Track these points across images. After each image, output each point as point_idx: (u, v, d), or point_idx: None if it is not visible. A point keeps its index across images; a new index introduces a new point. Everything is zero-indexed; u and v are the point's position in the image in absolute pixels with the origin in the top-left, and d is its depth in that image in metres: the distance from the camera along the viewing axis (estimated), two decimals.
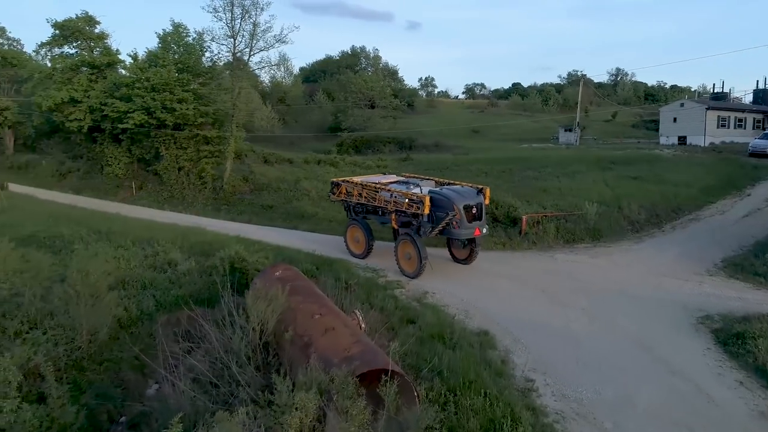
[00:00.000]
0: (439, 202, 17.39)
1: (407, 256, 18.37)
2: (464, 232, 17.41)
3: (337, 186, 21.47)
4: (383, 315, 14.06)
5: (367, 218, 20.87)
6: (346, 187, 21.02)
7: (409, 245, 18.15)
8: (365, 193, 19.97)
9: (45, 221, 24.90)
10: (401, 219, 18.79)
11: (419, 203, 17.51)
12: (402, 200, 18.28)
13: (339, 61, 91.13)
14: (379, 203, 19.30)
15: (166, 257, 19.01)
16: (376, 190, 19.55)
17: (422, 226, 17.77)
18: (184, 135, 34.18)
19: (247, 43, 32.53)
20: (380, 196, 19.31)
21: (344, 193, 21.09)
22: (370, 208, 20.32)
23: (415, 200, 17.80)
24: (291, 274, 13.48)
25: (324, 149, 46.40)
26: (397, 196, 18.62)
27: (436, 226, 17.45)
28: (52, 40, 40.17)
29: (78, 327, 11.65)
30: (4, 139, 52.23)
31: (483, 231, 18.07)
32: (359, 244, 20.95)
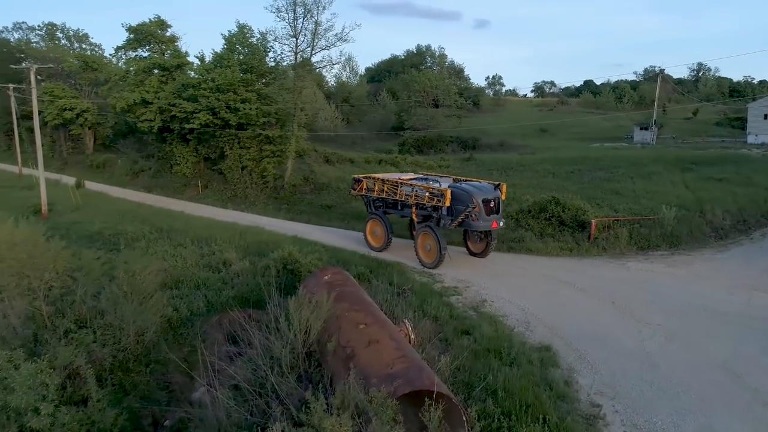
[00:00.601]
0: (459, 196, 18.33)
1: (427, 248, 19.21)
2: (483, 224, 18.30)
3: (358, 182, 22.36)
4: (436, 324, 13.25)
5: (387, 213, 21.62)
6: (366, 183, 21.90)
7: (429, 237, 19.02)
8: (386, 188, 20.88)
9: (113, 219, 25.68)
10: (421, 212, 19.69)
11: (440, 196, 18.42)
12: (423, 194, 19.25)
13: (404, 60, 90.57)
14: (400, 197, 20.18)
15: (221, 257, 18.98)
16: (397, 185, 20.39)
17: (442, 219, 18.77)
18: (247, 135, 34.58)
19: (309, 42, 32.53)
20: (401, 190, 20.18)
21: (365, 188, 21.95)
22: (390, 203, 21.28)
23: (436, 194, 18.71)
24: (340, 278, 12.90)
25: (386, 149, 45.90)
26: (418, 190, 19.53)
27: (455, 218, 18.40)
28: (127, 43, 41.79)
29: (125, 327, 11.55)
30: (84, 139, 55.14)
31: (500, 224, 18.99)
32: (378, 237, 21.65)
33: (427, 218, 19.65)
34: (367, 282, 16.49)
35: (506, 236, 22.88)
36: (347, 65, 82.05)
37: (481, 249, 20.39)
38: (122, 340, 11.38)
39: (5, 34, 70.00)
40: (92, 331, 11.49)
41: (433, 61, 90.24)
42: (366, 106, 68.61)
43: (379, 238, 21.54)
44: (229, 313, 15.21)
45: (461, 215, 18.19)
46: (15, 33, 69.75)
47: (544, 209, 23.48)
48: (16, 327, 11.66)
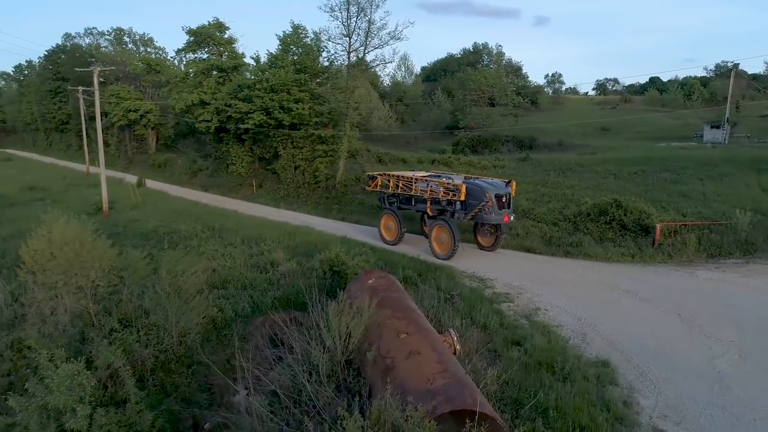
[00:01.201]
0: (473, 191, 19.51)
1: (441, 240, 20.37)
2: (495, 217, 19.46)
3: (373, 179, 23.63)
4: (485, 334, 12.59)
5: (401, 208, 22.88)
6: (381, 179, 23.13)
7: (443, 230, 20.20)
8: (402, 184, 22.08)
9: (169, 217, 26.23)
10: (436, 207, 20.97)
11: (455, 191, 19.72)
12: (438, 189, 20.49)
13: (460, 59, 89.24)
14: (415, 193, 21.43)
15: (269, 257, 18.91)
16: (411, 182, 21.64)
17: (456, 212, 20.10)
18: (300, 135, 34.72)
19: (362, 41, 32.25)
20: (417, 186, 21.41)
21: (380, 185, 23.18)
22: (403, 199, 22.62)
23: (451, 188, 19.96)
24: (384, 282, 12.44)
25: (439, 149, 45.09)
26: (433, 185, 20.79)
27: (469, 212, 19.65)
28: (187, 46, 42.90)
29: (169, 328, 11.51)
30: (147, 139, 57.17)
31: (511, 218, 20.18)
32: (391, 231, 22.75)
33: (441, 212, 20.87)
34: (414, 286, 16.01)
35: (563, 240, 21.86)
36: (402, 64, 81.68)
37: (490, 243, 21.57)
38: (165, 340, 11.34)
39: (77, 39, 73.65)
40: (136, 330, 11.53)
41: (490, 60, 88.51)
42: (420, 106, 67.93)
43: (392, 232, 22.70)
44: (273, 315, 15.06)
45: (474, 209, 19.43)
46: (86, 38, 73.33)
47: (605, 212, 22.27)
48: (65, 325, 11.86)
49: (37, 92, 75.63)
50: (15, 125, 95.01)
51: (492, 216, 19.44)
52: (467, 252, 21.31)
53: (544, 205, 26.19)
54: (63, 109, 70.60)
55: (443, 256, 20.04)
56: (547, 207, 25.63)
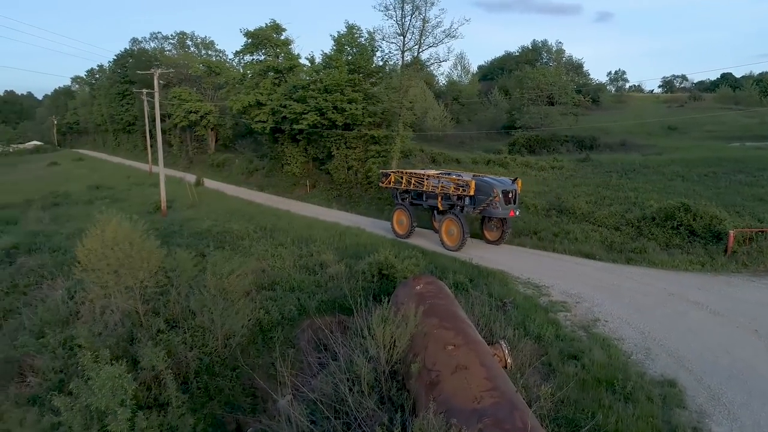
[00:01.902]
0: (482, 187, 20.86)
1: (450, 233, 21.73)
2: (501, 211, 20.86)
3: (386, 176, 24.99)
4: (539, 346, 11.89)
5: (412, 204, 24.07)
6: (395, 176, 24.44)
7: (453, 223, 21.60)
8: (414, 181, 23.35)
9: (223, 216, 26.61)
10: (446, 202, 22.33)
11: (465, 187, 21.02)
12: (449, 185, 21.79)
13: (518, 57, 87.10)
14: (427, 189, 22.73)
15: (318, 258, 18.77)
16: (423, 178, 22.95)
17: (465, 207, 21.48)
18: (353, 135, 34.61)
19: (417, 40, 31.73)
20: (428, 182, 22.67)
21: (393, 181, 24.46)
22: (415, 195, 23.90)
23: (461, 184, 21.26)
24: (433, 289, 11.93)
25: (495, 149, 44.00)
26: (444, 182, 22.07)
27: (477, 206, 21.04)
28: (245, 48, 43.65)
29: (214, 330, 11.44)
30: (207, 139, 58.74)
31: (516, 213, 21.48)
32: (403, 225, 24.00)
33: (451, 207, 22.19)
34: (464, 292, 15.41)
35: (625, 246, 20.69)
36: (458, 63, 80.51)
37: (496, 237, 22.86)
38: (209, 342, 11.28)
39: (144, 43, 76.63)
40: (182, 331, 11.54)
41: (549, 57, 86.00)
42: (476, 105, 66.73)
43: (404, 226, 23.92)
44: (320, 318, 14.85)
45: (482, 204, 20.81)
46: (152, 42, 76.16)
47: (671, 217, 20.92)
48: (115, 324, 12.02)
49: (107, 95, 79.23)
50: (87, 126, 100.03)
51: (499, 210, 20.84)
52: (521, 257, 20.57)
53: (605, 208, 24.94)
54: (130, 111, 73.66)
55: (453, 248, 21.38)
56: (609, 210, 24.38)
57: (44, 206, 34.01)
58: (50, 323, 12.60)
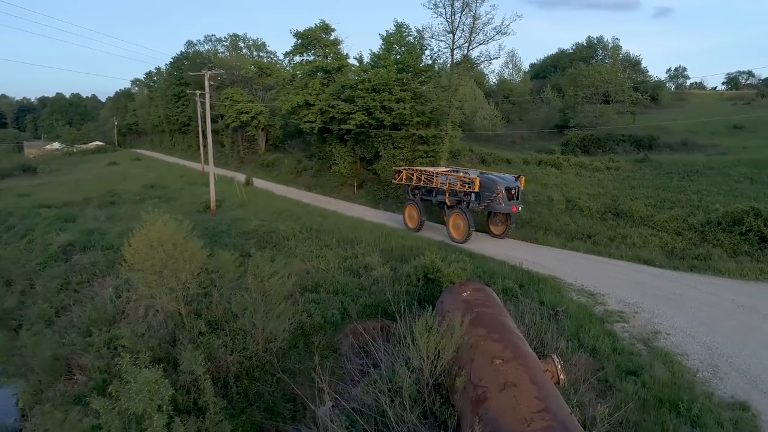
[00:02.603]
0: (486, 184, 22.21)
1: (457, 226, 23.16)
2: (504, 207, 22.11)
3: (399, 173, 26.59)
4: (595, 359, 11.16)
5: (423, 199, 25.52)
6: (406, 173, 25.98)
7: (459, 217, 23.01)
8: (424, 178, 24.83)
9: (270, 216, 26.70)
10: (454, 198, 23.73)
11: (470, 183, 22.44)
12: (456, 182, 23.29)
13: (572, 54, 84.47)
14: (436, 185, 24.22)
15: (363, 260, 18.45)
16: (433, 175, 24.46)
17: (471, 203, 22.87)
18: (401, 135, 34.17)
19: (467, 37, 31.00)
20: (437, 179, 24.15)
21: (404, 178, 26.02)
22: (425, 191, 25.30)
23: (467, 182, 22.69)
24: (480, 296, 11.37)
25: (547, 149, 42.64)
26: (452, 179, 23.57)
27: (482, 202, 22.36)
28: (294, 48, 43.90)
29: (255, 333, 11.26)
30: (257, 139, 59.61)
31: (519, 208, 22.76)
32: (413, 219, 25.54)
33: (458, 202, 23.53)
34: (514, 299, 14.77)
35: (687, 252, 19.49)
36: (510, 62, 78.86)
37: (501, 231, 24.10)
38: (250, 346, 11.09)
39: (198, 46, 78.59)
40: (223, 334, 11.40)
41: (605, 54, 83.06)
42: (528, 104, 65.10)
43: (414, 221, 25.46)
44: (363, 323, 14.50)
45: (487, 200, 22.11)
46: (206, 45, 78.02)
47: (740, 222, 19.57)
48: (159, 324, 12.02)
49: (163, 97, 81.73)
50: (145, 127, 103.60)
51: (502, 206, 22.11)
52: (574, 262, 19.68)
53: (665, 211, 23.62)
54: (185, 112, 75.67)
55: (459, 240, 22.76)
56: (669, 214, 23.06)
57: (101, 204, 35.14)
58: (97, 322, 12.75)
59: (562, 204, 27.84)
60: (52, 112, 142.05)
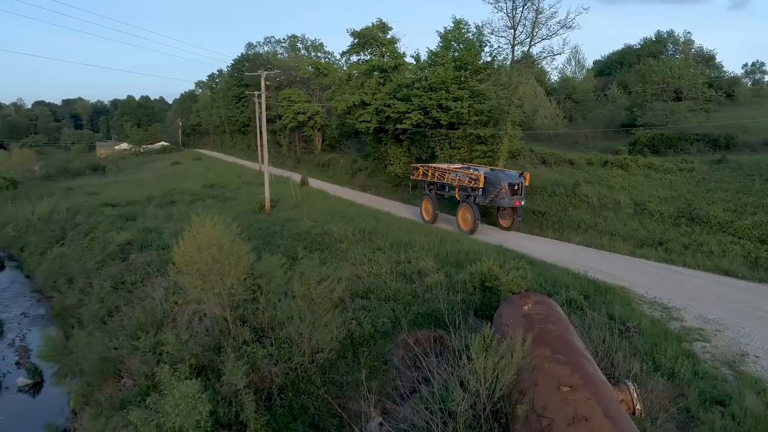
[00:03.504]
0: (490, 180, 24.11)
1: (465, 218, 25.17)
2: (507, 201, 24.02)
3: (416, 169, 29.38)
4: (673, 384, 9.98)
5: (437, 194, 27.86)
6: (422, 169, 28.60)
7: (467, 210, 25.02)
8: (437, 174, 27.31)
9: (323, 217, 26.34)
10: (462, 192, 25.73)
11: (476, 180, 24.39)
12: (464, 178, 25.35)
13: (639, 49, 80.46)
14: (447, 181, 26.52)
15: (416, 265, 17.68)
16: (445, 172, 26.87)
17: (477, 197, 24.69)
18: (458, 135, 33.17)
19: (528, 32, 29.66)
20: (448, 176, 26.49)
21: (421, 174, 28.69)
22: (439, 186, 27.65)
23: (473, 178, 24.64)
24: (543, 310, 10.41)
25: (613, 149, 40.46)
26: (460, 175, 25.73)
27: (487, 197, 24.18)
28: (351, 48, 43.65)
29: (301, 343, 10.72)
30: (314, 140, 59.86)
31: (522, 203, 24.54)
32: (428, 212, 27.82)
33: (467, 197, 25.40)
34: (579, 311, 13.67)
35: None
36: (573, 59, 76.15)
37: (508, 224, 25.97)
38: (295, 357, 10.56)
39: (258, 48, 79.96)
40: (269, 343, 10.92)
41: (675, 49, 78.79)
42: (591, 102, 62.44)
43: (429, 213, 27.74)
44: (415, 333, 13.79)
45: (491, 194, 23.95)
46: (265, 46, 79.29)
47: None
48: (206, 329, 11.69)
49: (224, 98, 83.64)
50: (208, 128, 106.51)
51: (505, 200, 24.00)
52: (644, 271, 18.26)
53: (747, 217, 21.66)
54: (245, 113, 77.11)
55: (467, 232, 24.71)
56: (752, 220, 21.12)
57: (162, 203, 35.89)
58: (145, 325, 12.58)
59: (630, 207, 26.18)
60: (122, 114, 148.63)
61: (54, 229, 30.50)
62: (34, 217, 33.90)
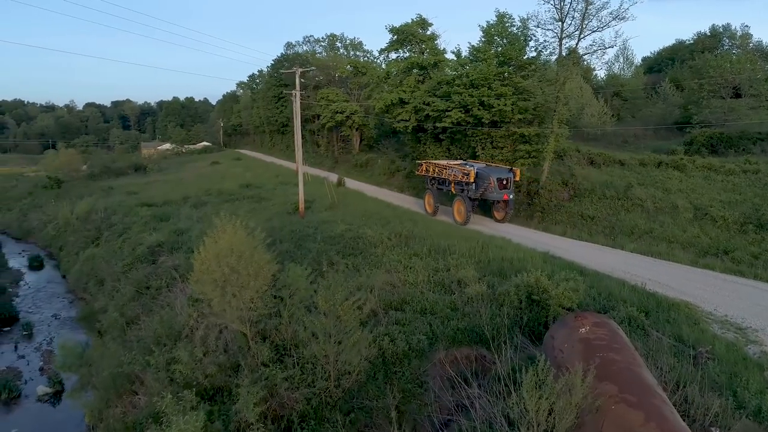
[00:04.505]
0: (480, 175, 25.97)
1: (459, 210, 26.94)
2: (496, 195, 25.81)
3: (420, 165, 31.38)
4: (761, 427, 8.39)
5: (438, 188, 29.66)
6: (426, 166, 30.55)
7: (461, 203, 26.79)
8: (437, 170, 29.24)
9: (358, 220, 25.23)
10: (457, 186, 27.57)
11: (468, 175, 26.17)
12: (458, 174, 27.12)
13: (693, 45, 76.61)
14: (446, 177, 28.30)
15: (456, 274, 16.35)
16: (444, 168, 28.72)
17: (470, 191, 26.47)
18: (501, 134, 31.57)
19: (577, 25, 27.83)
20: (446, 171, 28.29)
21: (424, 170, 30.61)
22: (440, 181, 29.33)
23: (465, 173, 26.43)
24: (604, 334, 8.97)
25: (667, 148, 38.07)
26: (455, 171, 27.47)
27: (478, 190, 26.01)
28: (390, 45, 42.52)
29: (325, 366, 9.58)
30: (352, 139, 58.94)
31: (510, 196, 26.24)
32: (430, 205, 29.65)
33: (461, 191, 27.26)
34: (639, 331, 12.13)
35: None
36: (621, 55, 72.92)
37: (502, 216, 27.66)
38: (319, 381, 9.41)
39: (297, 47, 79.72)
40: (292, 363, 9.82)
41: (732, 44, 74.64)
42: (641, 100, 59.51)
43: (431, 206, 29.54)
44: (455, 350, 12.52)
45: (481, 188, 25.94)
46: (304, 46, 78.96)
47: None
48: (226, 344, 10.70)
49: (264, 98, 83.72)
50: (248, 128, 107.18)
51: (494, 194, 25.95)
52: (710, 284, 16.42)
53: None
54: (284, 113, 76.89)
55: (461, 222, 26.56)
56: None
57: (197, 204, 35.53)
58: (162, 337, 11.68)
59: (689, 212, 24.17)
60: (166, 115, 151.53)
61: (90, 229, 30.39)
62: (73, 217, 33.98)
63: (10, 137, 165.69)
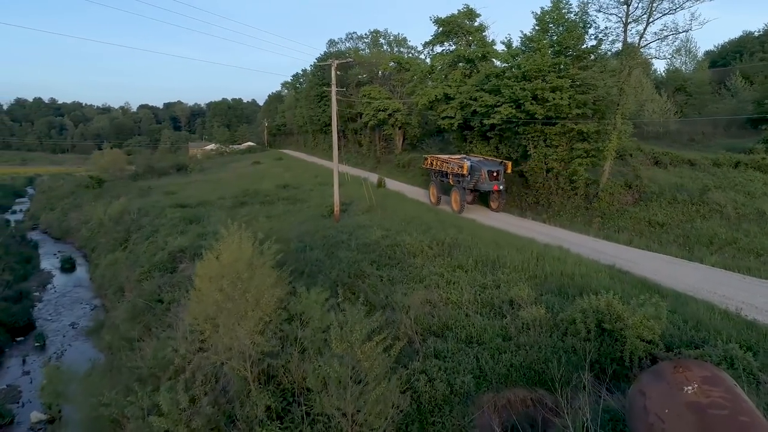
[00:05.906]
0: (473, 168, 28.58)
1: (455, 200, 29.66)
2: (487, 186, 28.46)
3: (425, 159, 33.97)
4: None
5: (441, 180, 32.04)
6: (430, 160, 33.11)
7: (457, 193, 29.50)
8: (439, 164, 31.66)
9: (397, 225, 23.01)
10: (455, 178, 30.02)
11: (462, 167, 28.76)
12: (455, 167, 29.64)
13: (762, 36, 71.24)
14: (446, 169, 30.77)
15: (507, 293, 13.87)
16: (445, 162, 31.09)
17: (465, 182, 28.94)
18: (556, 131, 28.61)
19: (646, 7, 24.77)
20: (446, 165, 30.72)
21: (429, 164, 33.16)
22: (442, 173, 31.62)
23: (460, 166, 28.98)
24: (721, 397, 6.41)
25: (742, 147, 34.26)
26: (453, 164, 29.97)
27: (471, 181, 28.59)
28: (434, 38, 40.13)
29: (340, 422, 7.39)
30: (394, 138, 56.73)
31: (500, 187, 28.71)
32: (434, 196, 32.25)
33: (458, 182, 29.30)
34: (747, 377, 9.46)
35: None
36: (683, 48, 68.07)
37: (496, 206, 29.61)
38: None
39: (340, 44, 78.14)
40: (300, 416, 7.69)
41: None
42: (707, 95, 55.07)
43: (435, 197, 32.05)
44: (507, 392, 10.15)
45: (474, 180, 28.16)
46: (347, 43, 77.28)
47: None
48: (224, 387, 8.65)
49: (307, 97, 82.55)
50: (292, 128, 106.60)
51: (485, 185, 27.99)
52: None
53: None
54: (326, 112, 75.38)
55: (457, 211, 28.87)
56: None
57: (233, 205, 34.09)
58: (155, 369, 9.75)
59: None
60: (213, 116, 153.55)
61: (120, 231, 29.27)
62: (106, 218, 33.07)
63: (68, 138, 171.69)
